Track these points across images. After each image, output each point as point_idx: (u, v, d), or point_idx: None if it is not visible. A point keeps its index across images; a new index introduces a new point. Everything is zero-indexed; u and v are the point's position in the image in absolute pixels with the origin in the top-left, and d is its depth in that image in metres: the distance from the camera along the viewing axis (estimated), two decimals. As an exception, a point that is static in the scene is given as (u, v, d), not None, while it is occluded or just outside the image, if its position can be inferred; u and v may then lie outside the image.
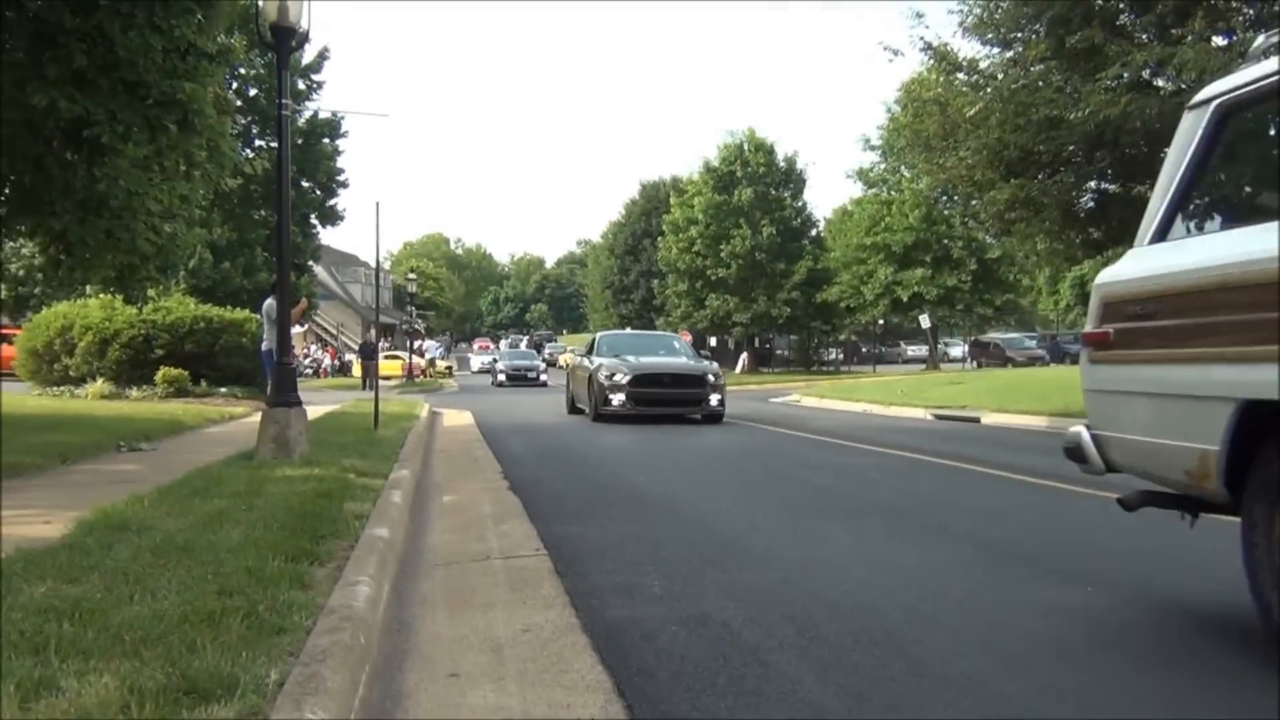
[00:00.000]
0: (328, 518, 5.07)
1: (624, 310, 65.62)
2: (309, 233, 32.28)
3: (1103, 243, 18.00)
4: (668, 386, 15.39)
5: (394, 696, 3.02)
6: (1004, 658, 3.28)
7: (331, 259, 59.65)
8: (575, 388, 17.45)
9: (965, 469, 9.03)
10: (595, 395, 15.27)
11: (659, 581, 4.40)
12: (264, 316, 13.69)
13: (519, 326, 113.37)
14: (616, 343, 17.59)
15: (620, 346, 16.91)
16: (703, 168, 51.24)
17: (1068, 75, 14.40)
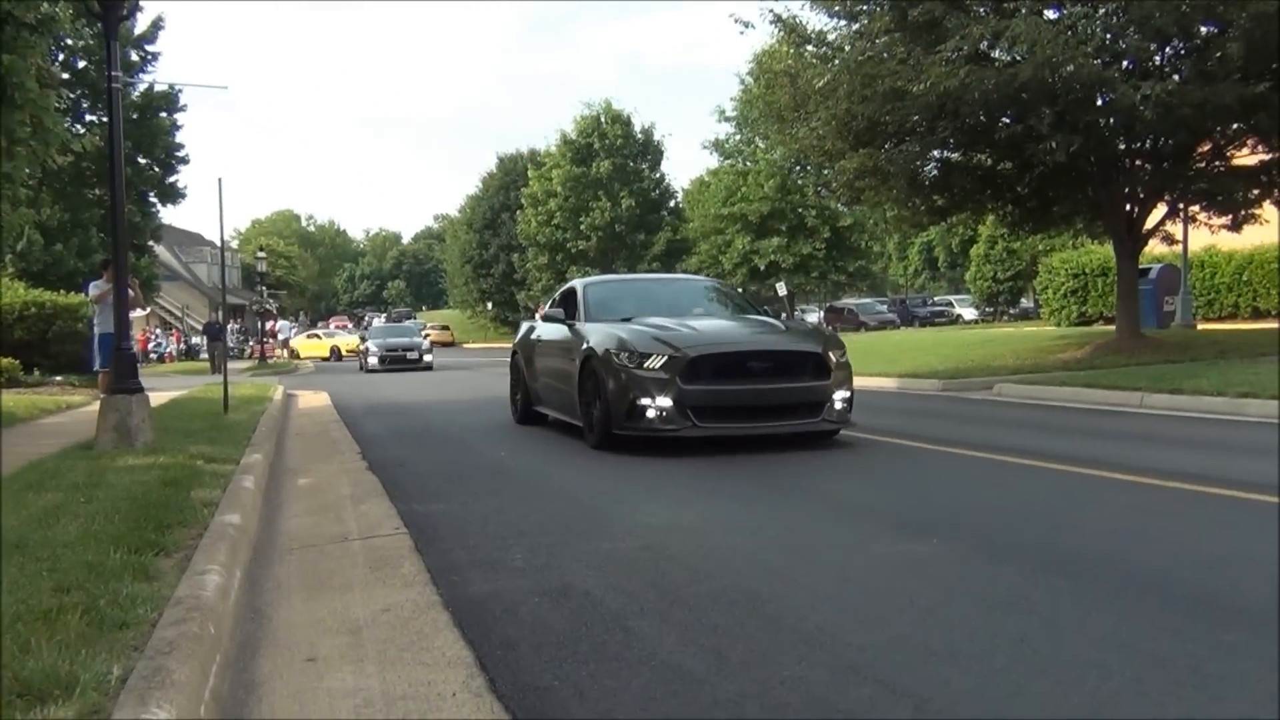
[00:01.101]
0: (174, 506, 4.88)
1: (484, 285, 64.97)
2: (148, 211, 30.72)
3: (946, 209, 18.75)
4: (758, 380, 7.88)
5: (248, 685, 2.94)
6: (856, 611, 3.40)
7: (175, 239, 57.04)
8: (539, 378, 10.04)
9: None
10: (610, 398, 7.82)
11: (521, 555, 4.39)
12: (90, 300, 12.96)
13: (376, 304, 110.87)
14: (615, 295, 9.96)
15: (624, 303, 9.54)
16: (560, 140, 51.02)
17: (910, 48, 14.85)
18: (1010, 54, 14.27)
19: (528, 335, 10.74)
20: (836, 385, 7.97)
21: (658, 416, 7.54)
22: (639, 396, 7.57)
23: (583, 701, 2.66)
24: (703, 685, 2.73)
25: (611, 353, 7.80)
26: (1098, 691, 2.59)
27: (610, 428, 7.83)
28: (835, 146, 16.76)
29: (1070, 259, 30.67)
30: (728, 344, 8.02)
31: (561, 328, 9.33)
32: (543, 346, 9.98)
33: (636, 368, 7.63)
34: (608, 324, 8.55)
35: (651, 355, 7.62)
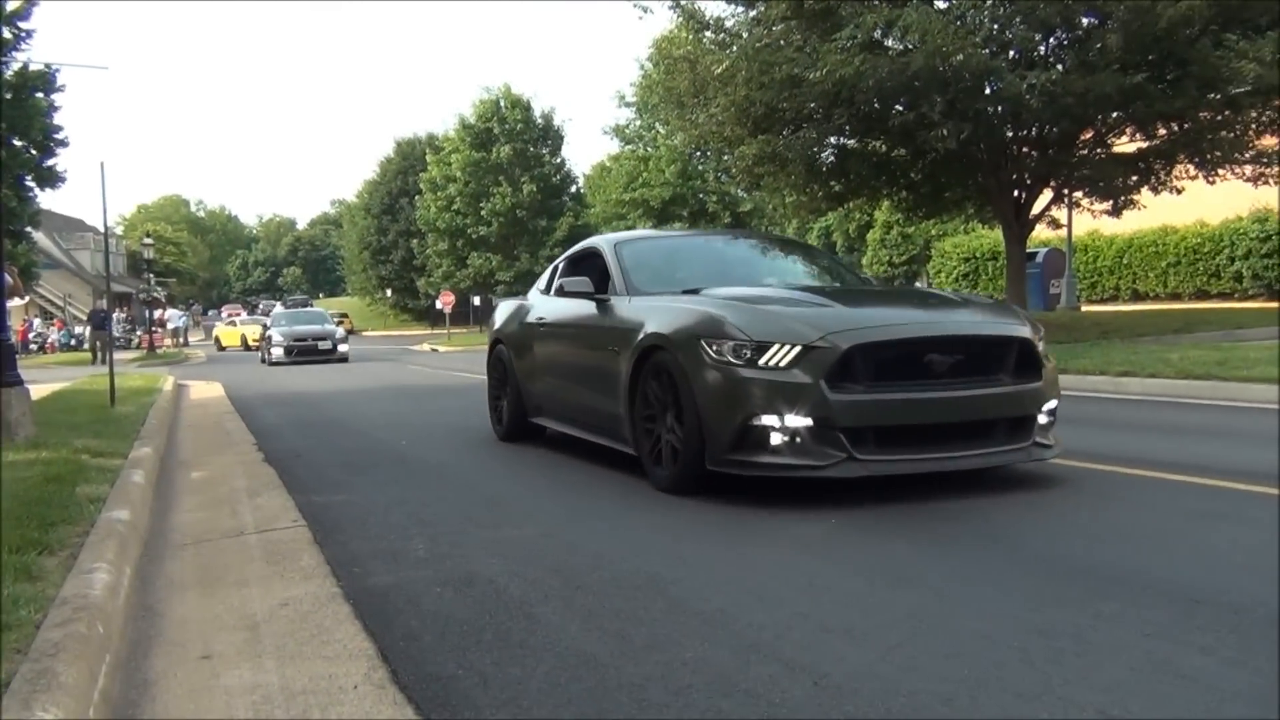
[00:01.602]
0: (58, 503, 4.70)
1: (383, 272, 63.88)
2: (25, 196, 29.34)
3: (843, 195, 19.10)
4: (942, 383, 4.98)
5: (140, 685, 2.86)
6: (756, 591, 3.46)
7: (55, 225, 54.70)
8: (542, 377, 7.27)
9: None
10: (706, 414, 4.98)
11: (423, 544, 4.35)
12: None
13: (271, 292, 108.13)
14: (664, 259, 7.02)
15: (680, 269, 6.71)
16: (459, 125, 50.31)
17: (807, 35, 15.07)
18: (902, 43, 14.59)
19: (518, 318, 7.78)
20: (1048, 389, 5.24)
21: (788, 443, 4.73)
22: (758, 412, 4.74)
23: (487, 690, 2.65)
24: (607, 669, 2.75)
25: (703, 341, 4.94)
26: (985, 662, 2.69)
27: (702, 461, 4.97)
28: (734, 133, 16.93)
29: (962, 243, 31.57)
30: (897, 326, 5.15)
31: (586, 306, 6.39)
32: (550, 333, 7.06)
33: (748, 364, 4.79)
34: (673, 298, 5.75)
35: (774, 345, 4.77)
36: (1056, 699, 2.44)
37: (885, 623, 3.05)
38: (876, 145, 17.75)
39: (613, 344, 5.85)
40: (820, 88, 14.54)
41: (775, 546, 4.09)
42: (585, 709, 2.50)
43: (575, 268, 7.33)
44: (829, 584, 3.50)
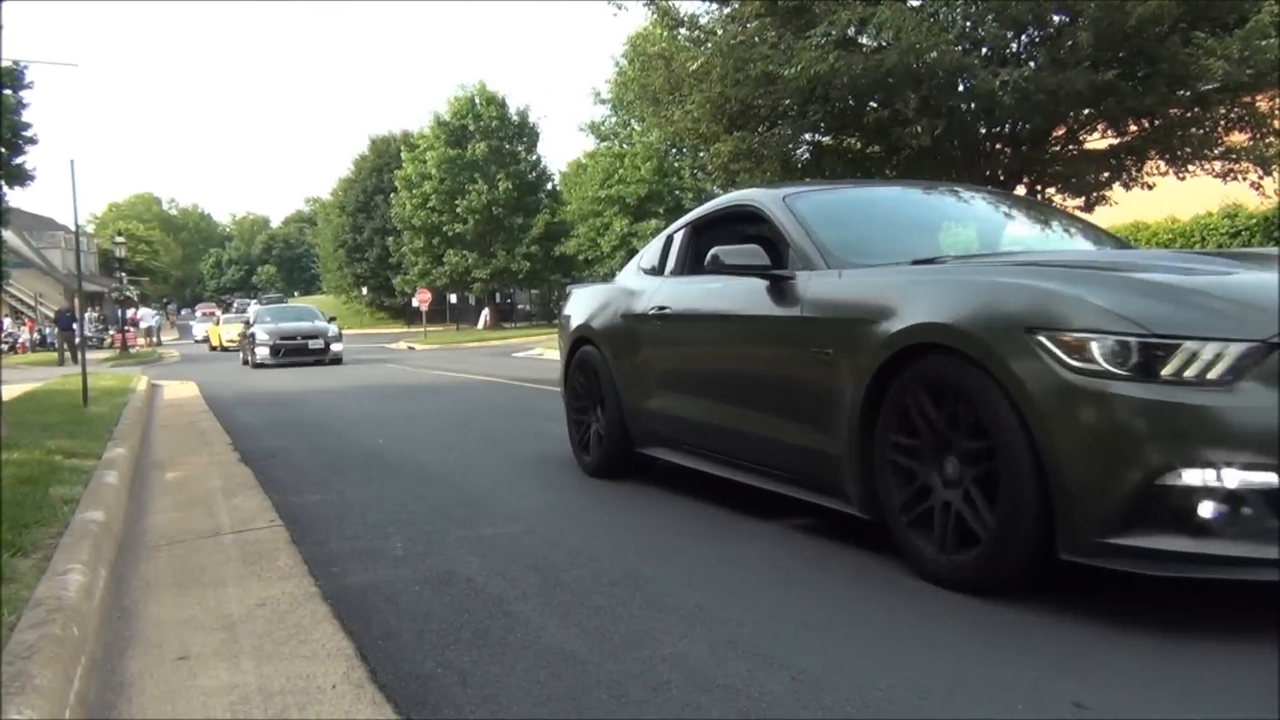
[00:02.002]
0: (31, 504, 4.66)
1: (359, 269, 63.55)
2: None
3: (819, 192, 19.13)
4: None
5: (116, 687, 2.84)
6: (735, 587, 3.48)
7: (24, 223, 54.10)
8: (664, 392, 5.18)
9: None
10: (1065, 460, 2.87)
11: (402, 543, 4.35)
12: None
13: (245, 290, 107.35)
14: (862, 223, 4.72)
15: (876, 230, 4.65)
16: (434, 122, 50.11)
17: (781, 32, 15.09)
18: (876, 40, 14.64)
19: (616, 308, 5.72)
20: None
21: (1229, 518, 2.71)
22: (1173, 463, 2.75)
23: (466, 688, 2.66)
24: (586, 666, 2.76)
25: (1043, 336, 3.02)
26: (960, 655, 2.71)
27: (1045, 548, 3.04)
28: (710, 129, 16.94)
29: (936, 240, 31.72)
30: None
31: (748, 288, 4.38)
32: (681, 329, 5.06)
33: (1143, 375, 2.83)
34: (920, 270, 3.82)
35: (1190, 342, 2.80)
36: (1030, 690, 2.47)
37: (862, 617, 3.08)
38: (851, 142, 17.80)
39: (818, 342, 3.83)
40: (795, 84, 14.57)
41: (753, 544, 4.11)
42: (565, 706, 2.51)
43: (707, 235, 5.37)
44: (807, 579, 3.52)
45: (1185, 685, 2.47)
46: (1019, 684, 2.51)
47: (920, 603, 3.19)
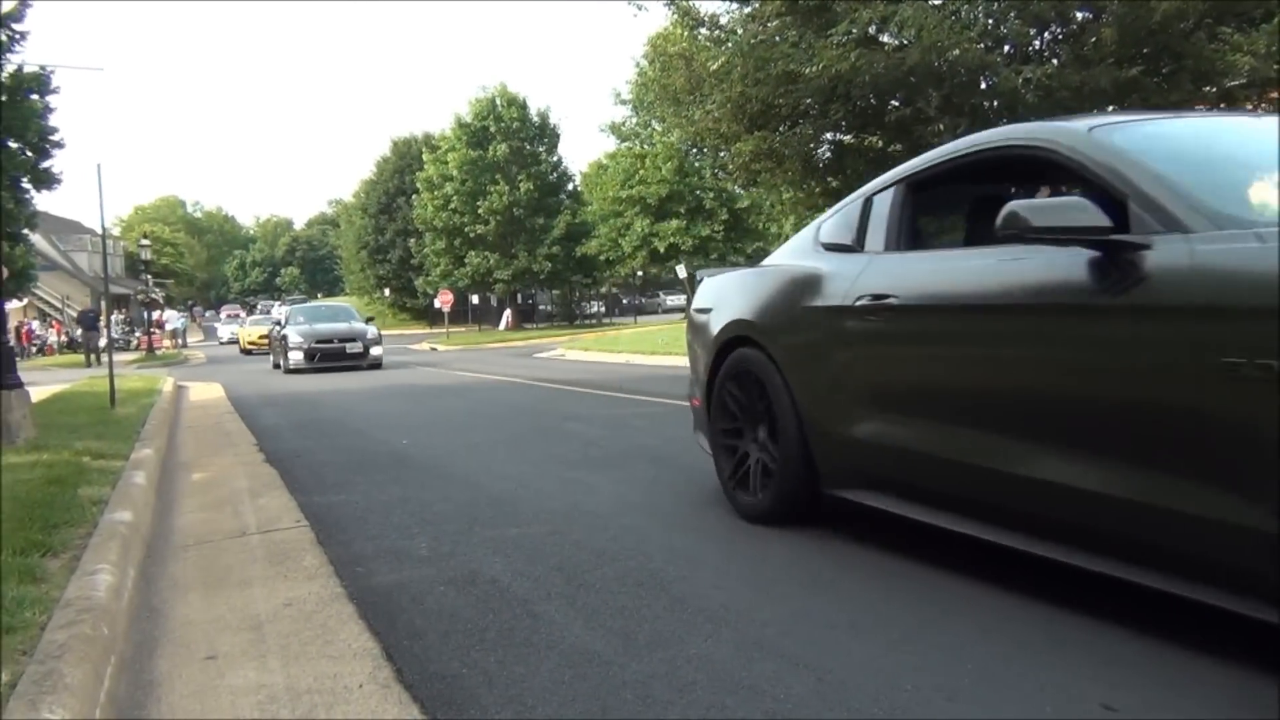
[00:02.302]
0: (60, 505, 4.71)
1: (381, 271, 63.82)
2: (21, 198, 29.28)
3: (840, 191, 19.08)
4: None
5: (145, 686, 2.87)
6: (761, 588, 3.47)
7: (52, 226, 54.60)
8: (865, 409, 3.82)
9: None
10: None
11: (426, 543, 4.36)
12: None
13: (269, 292, 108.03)
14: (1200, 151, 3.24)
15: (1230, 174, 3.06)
16: (455, 124, 50.25)
17: (802, 31, 15.06)
18: (898, 38, 14.59)
19: (788, 295, 4.39)
20: None
21: None
22: None
23: (491, 688, 2.66)
24: (611, 667, 2.76)
25: None
26: (987, 656, 2.70)
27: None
28: (731, 129, 16.92)
29: (959, 238, 31.54)
30: None
31: (1051, 265, 3.02)
32: (922, 327, 3.65)
33: None
34: None
35: None
36: (1059, 692, 2.45)
37: (888, 618, 3.07)
38: (873, 141, 17.75)
39: (1220, 347, 2.44)
40: (816, 83, 14.54)
41: (778, 544, 4.09)
42: (590, 707, 2.51)
43: (932, 195, 4.17)
44: (832, 580, 3.51)
45: (1213, 689, 2.45)
46: (1048, 686, 2.49)
47: (946, 603, 3.18)
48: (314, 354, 20.58)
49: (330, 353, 20.63)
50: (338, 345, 20.74)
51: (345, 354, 20.67)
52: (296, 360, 20.42)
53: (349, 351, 20.66)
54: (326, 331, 21.11)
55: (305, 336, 20.84)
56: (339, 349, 20.70)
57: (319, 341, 20.71)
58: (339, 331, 21.24)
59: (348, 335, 21.10)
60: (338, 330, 21.31)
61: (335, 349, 20.69)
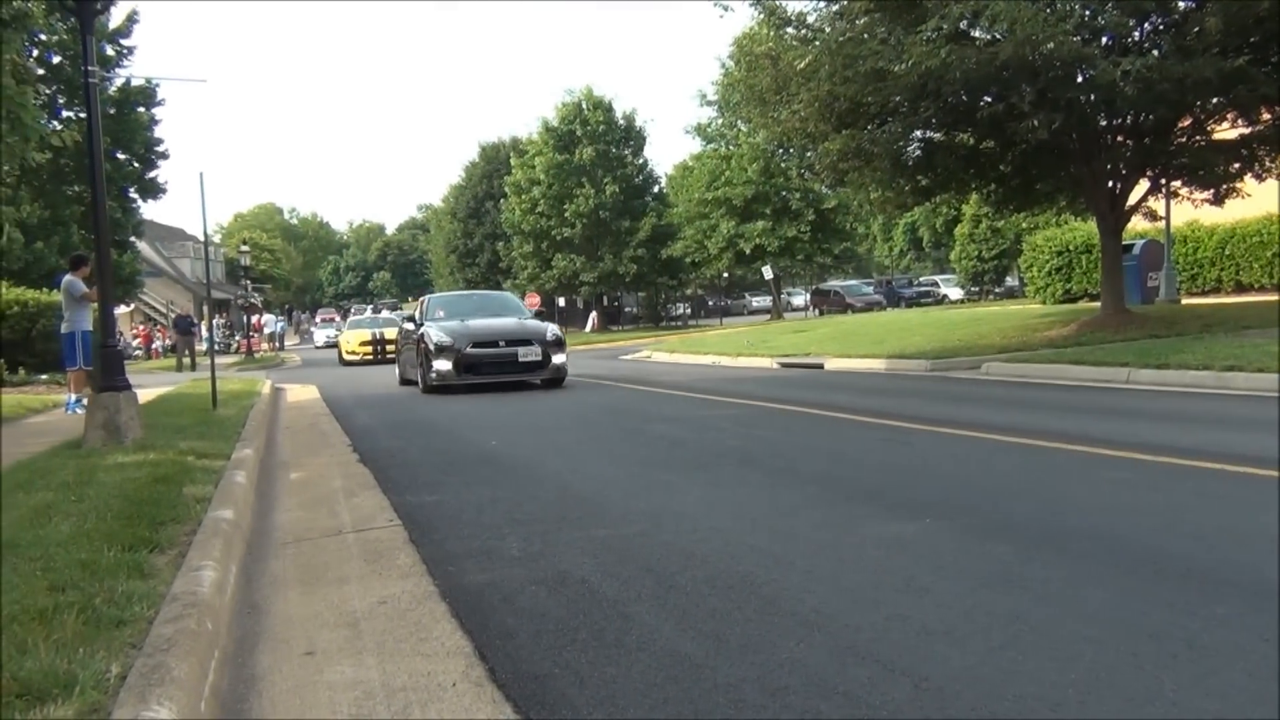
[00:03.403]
0: (166, 503, 4.86)
1: (470, 274, 64.73)
2: (129, 207, 30.50)
3: (930, 189, 18.76)
4: None
5: (247, 680, 2.94)
6: (851, 591, 3.41)
7: (157, 234, 56.69)
8: None
9: (810, 414, 9.31)
10: None
11: (517, 544, 4.39)
12: (63, 295, 12.64)
13: (362, 296, 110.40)
14: None
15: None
16: (542, 128, 50.73)
17: (891, 27, 14.84)
18: (990, 32, 14.27)
19: None
20: None
21: None
22: None
23: (583, 689, 2.66)
24: (702, 670, 2.74)
25: None
26: (1094, 666, 2.61)
27: None
28: (818, 129, 16.74)
29: (1054, 237, 30.75)
30: None
31: None
32: None
33: None
34: None
35: None
36: (1170, 705, 2.36)
37: (987, 625, 2.99)
38: (964, 138, 17.40)
39: None
40: (905, 80, 14.31)
41: (870, 547, 4.03)
42: (682, 709, 2.50)
43: None
44: (927, 585, 3.44)
45: (1340, 703, 2.33)
46: (1158, 696, 2.40)
47: (1047, 607, 3.08)
48: (470, 363, 14.11)
49: (494, 361, 14.27)
50: (505, 350, 14.27)
51: (516, 363, 14.23)
52: (443, 372, 14.01)
53: (522, 360, 14.19)
54: (486, 330, 14.66)
55: (455, 337, 14.25)
56: (507, 356, 14.24)
57: (476, 345, 14.22)
58: (505, 330, 14.78)
59: (518, 335, 14.59)
60: (503, 329, 14.83)
61: (501, 356, 14.25)
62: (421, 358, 14.70)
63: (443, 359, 14.07)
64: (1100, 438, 6.60)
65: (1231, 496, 4.77)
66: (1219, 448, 5.96)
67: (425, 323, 15.37)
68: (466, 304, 17.07)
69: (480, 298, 18.59)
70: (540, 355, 14.28)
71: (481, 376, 14.17)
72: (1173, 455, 5.67)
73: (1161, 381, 10.37)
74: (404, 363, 17.07)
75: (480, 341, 14.33)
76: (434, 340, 14.34)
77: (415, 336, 15.51)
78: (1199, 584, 3.28)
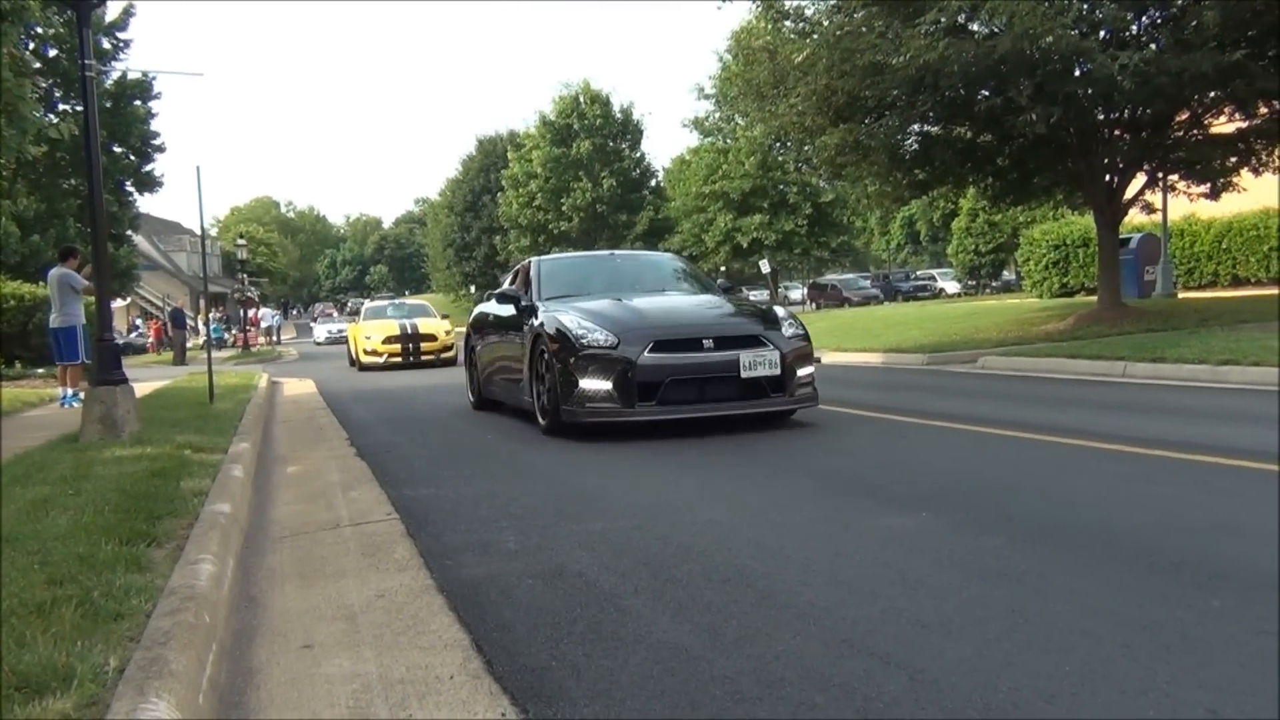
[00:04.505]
0: (164, 497, 4.87)
1: (467, 268, 64.74)
2: (125, 201, 30.48)
3: (928, 183, 18.78)
4: None
5: (245, 673, 2.95)
6: (847, 585, 3.42)
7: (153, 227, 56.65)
8: None
9: (807, 408, 9.30)
10: None
11: (514, 537, 4.40)
12: (52, 288, 12.52)
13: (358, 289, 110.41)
14: None
15: None
16: (539, 121, 50.75)
17: (889, 21, 14.84)
18: (988, 26, 14.29)
19: None
20: None
21: None
22: None
23: (580, 681, 2.67)
24: (699, 662, 2.75)
25: None
26: (1088, 658, 2.62)
27: None
28: (815, 122, 16.75)
29: (1051, 230, 30.78)
30: None
31: None
32: None
33: None
34: None
35: None
36: (1164, 697, 2.37)
37: (983, 617, 3.00)
38: (962, 131, 17.42)
39: None
40: (903, 74, 14.32)
41: (866, 540, 4.04)
42: (678, 701, 2.51)
43: None
44: (922, 578, 3.45)
45: (1332, 695, 2.34)
46: (1151, 688, 2.41)
47: (1042, 600, 3.10)
48: (655, 379, 7.53)
49: (698, 376, 7.62)
50: (715, 357, 7.60)
51: (737, 379, 7.58)
52: (598, 395, 7.60)
53: (747, 375, 7.56)
54: (673, 317, 8.21)
55: (621, 330, 7.77)
56: (719, 365, 7.59)
57: (662, 346, 7.61)
58: (704, 319, 8.23)
59: (731, 327, 8.10)
60: (700, 316, 8.34)
61: (709, 365, 7.61)
62: (544, 367, 8.06)
63: (597, 373, 7.52)
64: (1096, 431, 6.62)
65: (1226, 489, 4.78)
66: (1214, 441, 5.98)
67: (542, 303, 8.72)
68: (603, 271, 9.97)
69: (625, 261, 10.97)
70: (778, 365, 7.56)
71: (676, 408, 7.48)
72: (1168, 449, 5.69)
73: (1157, 375, 10.39)
74: (492, 372, 9.96)
75: (668, 339, 7.64)
76: (576, 335, 7.69)
77: (527, 329, 8.58)
78: (1193, 576, 3.30)
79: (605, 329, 7.68)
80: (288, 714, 2.63)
